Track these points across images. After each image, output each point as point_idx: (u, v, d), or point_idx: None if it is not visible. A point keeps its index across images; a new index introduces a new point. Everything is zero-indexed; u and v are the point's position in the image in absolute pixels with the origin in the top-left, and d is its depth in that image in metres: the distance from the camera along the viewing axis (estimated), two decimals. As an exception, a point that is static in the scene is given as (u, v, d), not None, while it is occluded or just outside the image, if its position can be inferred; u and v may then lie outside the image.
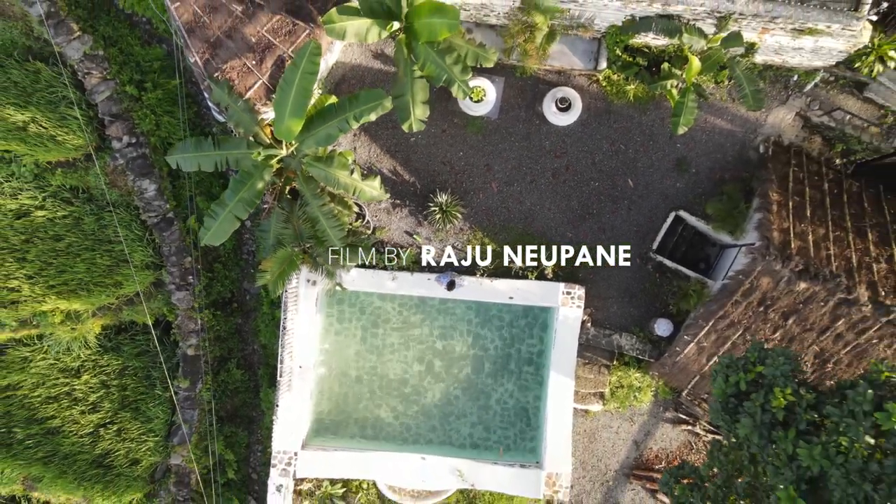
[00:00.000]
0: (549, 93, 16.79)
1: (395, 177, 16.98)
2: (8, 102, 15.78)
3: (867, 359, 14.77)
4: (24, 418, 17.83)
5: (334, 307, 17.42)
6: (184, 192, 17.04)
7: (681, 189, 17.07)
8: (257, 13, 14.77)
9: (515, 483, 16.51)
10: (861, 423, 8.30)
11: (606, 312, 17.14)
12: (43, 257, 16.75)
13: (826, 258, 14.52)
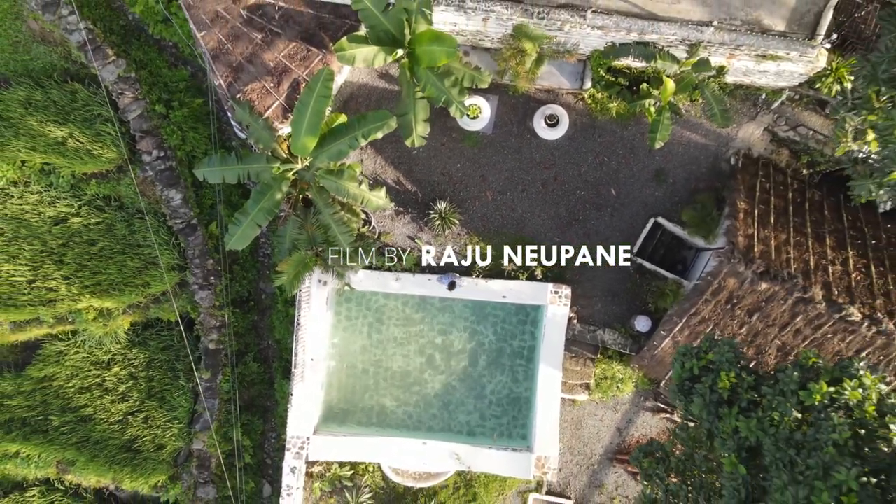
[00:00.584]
0: (539, 110, 18.42)
1: (399, 186, 18.63)
2: (48, 120, 17.48)
3: (824, 351, 16.38)
4: (59, 407, 19.52)
5: (343, 305, 19.07)
6: (206, 201, 18.72)
7: (659, 197, 18.69)
8: (275, 40, 16.44)
9: (508, 465, 18.12)
10: (789, 399, 9.92)
11: (591, 310, 18.77)
12: (78, 260, 18.45)
13: (786, 261, 16.14)
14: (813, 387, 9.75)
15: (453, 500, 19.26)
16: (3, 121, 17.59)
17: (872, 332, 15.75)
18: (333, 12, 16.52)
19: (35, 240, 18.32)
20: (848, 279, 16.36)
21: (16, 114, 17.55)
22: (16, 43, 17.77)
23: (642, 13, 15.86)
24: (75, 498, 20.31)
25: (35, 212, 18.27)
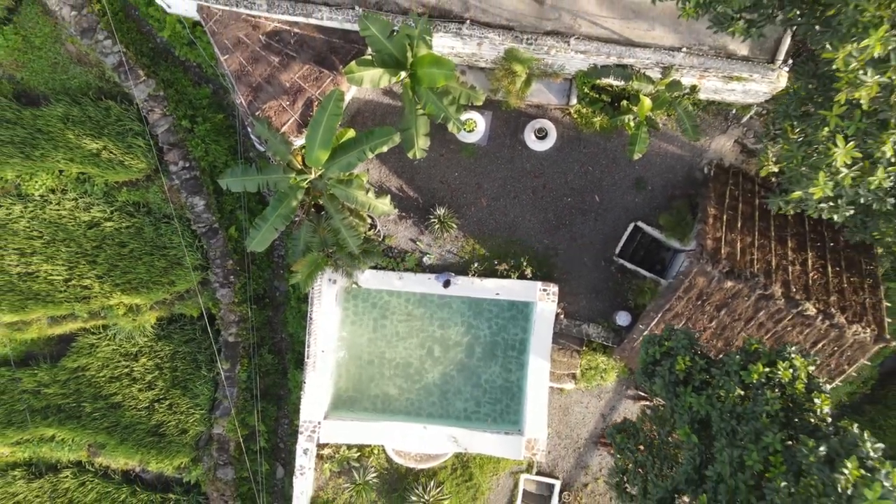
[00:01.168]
0: (529, 124, 20.24)
1: (401, 193, 20.45)
2: (84, 133, 19.33)
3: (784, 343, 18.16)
4: (91, 395, 21.37)
5: (351, 302, 20.90)
6: (226, 206, 20.56)
7: (639, 203, 20.51)
8: (291, 63, 18.27)
9: (501, 447, 19.91)
10: (732, 379, 11.71)
11: (577, 306, 20.59)
12: (110, 260, 20.30)
13: (750, 261, 17.94)
14: (752, 368, 11.55)
15: (451, 480, 21.07)
16: (44, 134, 19.44)
17: (826, 325, 17.55)
18: (343, 38, 18.34)
19: (71, 242, 20.18)
20: (806, 278, 18.17)
21: (55, 128, 19.40)
22: (55, 64, 19.62)
23: (620, 39, 17.68)
24: (104, 479, 22.12)
25: (71, 217, 20.12)
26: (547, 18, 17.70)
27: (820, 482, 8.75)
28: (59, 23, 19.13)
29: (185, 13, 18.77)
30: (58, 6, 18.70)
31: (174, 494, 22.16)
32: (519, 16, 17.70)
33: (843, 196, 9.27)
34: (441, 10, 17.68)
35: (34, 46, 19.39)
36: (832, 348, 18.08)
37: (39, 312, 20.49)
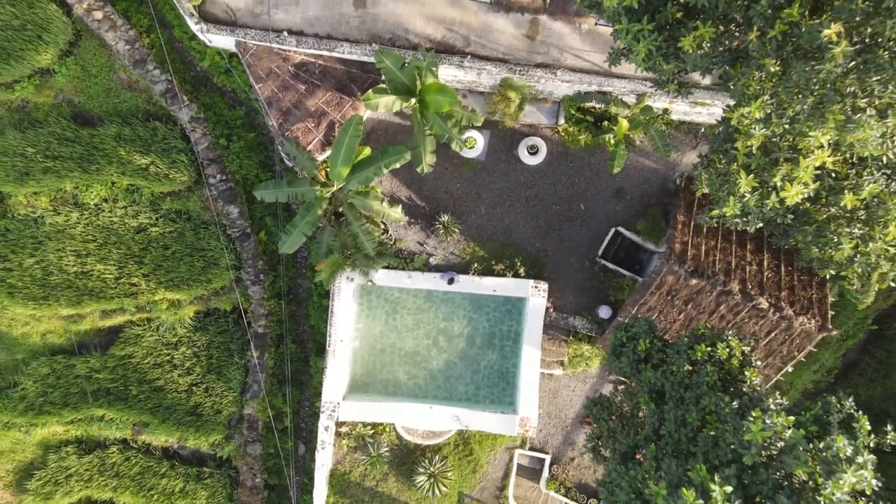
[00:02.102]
0: (523, 141, 23.07)
1: (410, 203, 23.28)
2: (134, 150, 22.19)
3: (742, 332, 20.95)
4: (136, 379, 24.21)
5: (366, 297, 23.73)
6: (256, 214, 23.41)
7: (619, 211, 23.33)
8: (315, 90, 21.12)
9: (498, 425, 22.70)
10: (682, 357, 14.52)
11: (564, 301, 23.41)
12: (155, 261, 23.15)
13: (712, 262, 20.75)
14: (697, 347, 14.36)
15: (454, 455, 23.89)
16: (99, 151, 22.30)
17: (777, 317, 20.34)
18: (361, 68, 21.20)
19: (121, 245, 23.04)
20: (761, 276, 20.97)
21: (109, 146, 22.25)
22: (109, 90, 22.48)
23: (600, 71, 20.50)
24: (147, 454, 24.97)
25: (121, 223, 22.98)
26: (537, 52, 20.55)
27: (732, 426, 11.50)
28: (113, 54, 22.00)
29: (224, 46, 21.61)
30: (114, 41, 21.58)
31: (208, 468, 25.00)
32: (513, 50, 20.55)
33: (751, 213, 12.03)
34: (446, 45, 20.53)
35: (91, 74, 22.27)
36: (783, 337, 20.88)
37: (93, 307, 23.34)
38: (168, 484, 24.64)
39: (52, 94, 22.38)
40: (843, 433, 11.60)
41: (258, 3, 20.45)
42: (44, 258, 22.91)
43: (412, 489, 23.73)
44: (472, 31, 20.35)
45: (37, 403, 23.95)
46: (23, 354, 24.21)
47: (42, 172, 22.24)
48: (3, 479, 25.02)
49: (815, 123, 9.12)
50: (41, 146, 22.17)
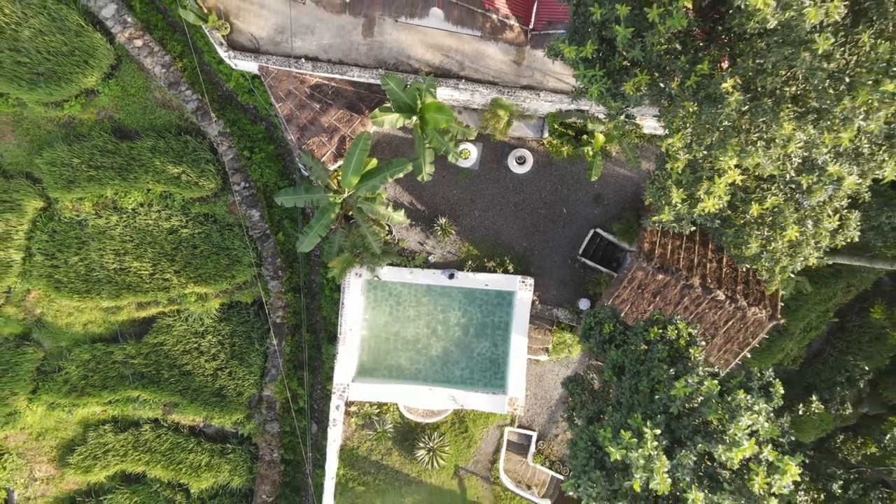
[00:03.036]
0: (512, 152, 25.96)
1: (412, 207, 26.19)
2: (168, 161, 25.10)
3: (704, 321, 23.83)
4: (167, 364, 27.11)
5: (372, 291, 26.63)
6: (275, 217, 26.32)
7: (597, 214, 26.22)
8: (329, 109, 24.02)
9: (489, 404, 25.58)
10: (639, 337, 17.40)
11: (548, 294, 26.30)
12: (185, 259, 26.05)
13: (676, 260, 23.64)
14: (651, 330, 17.27)
15: (451, 432, 26.78)
16: (136, 161, 25.21)
17: (733, 307, 23.23)
18: (368, 90, 24.11)
19: (155, 245, 25.96)
20: (720, 272, 23.85)
21: (145, 157, 25.17)
22: (145, 107, 25.41)
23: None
24: (176, 432, 27.89)
25: (156, 225, 25.90)
26: (523, 76, 23.46)
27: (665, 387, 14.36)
28: (150, 77, 24.93)
29: (248, 70, 24.52)
30: (151, 65, 24.50)
31: (231, 445, 27.93)
32: (502, 74, 23.46)
33: (683, 219, 14.86)
34: (443, 70, 23.43)
35: (130, 94, 25.19)
36: (739, 325, 23.78)
37: (130, 299, 26.26)
38: (195, 459, 27.56)
39: (95, 111, 25.30)
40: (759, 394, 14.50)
41: (279, 33, 23.38)
42: (87, 256, 25.83)
43: (413, 462, 26.63)
44: (467, 58, 23.25)
45: (79, 386, 26.87)
46: (66, 342, 27.13)
47: (86, 180, 25.15)
48: (48, 455, 27.95)
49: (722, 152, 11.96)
50: (85, 157, 25.08)
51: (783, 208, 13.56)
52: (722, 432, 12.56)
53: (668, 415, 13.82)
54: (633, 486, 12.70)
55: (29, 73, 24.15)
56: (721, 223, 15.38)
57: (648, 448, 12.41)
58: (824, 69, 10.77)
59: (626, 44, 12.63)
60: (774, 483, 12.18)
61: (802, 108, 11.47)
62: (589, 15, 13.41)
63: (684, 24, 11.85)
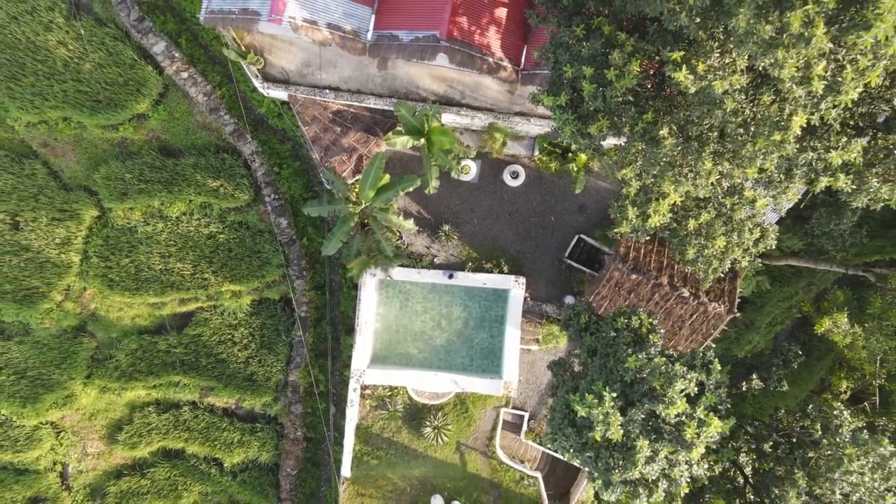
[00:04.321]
0: (507, 168, 29.76)
1: (419, 216, 30.00)
2: (208, 176, 28.92)
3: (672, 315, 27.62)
4: (205, 353, 30.92)
5: (385, 289, 30.44)
6: (300, 224, 30.14)
7: (582, 222, 30.03)
8: (348, 132, 27.82)
9: (487, 387, 29.38)
10: (609, 326, 21.18)
11: (538, 291, 30.11)
12: (221, 261, 29.87)
13: (648, 261, 27.43)
14: (618, 319, 21.09)
15: (453, 412, 30.59)
16: (180, 176, 29.03)
17: (696, 303, 27.02)
18: (383, 115, 27.92)
19: (196, 248, 29.77)
20: (686, 272, 27.64)
21: (188, 172, 28.99)
22: (188, 129, 29.24)
23: (563, 117, 27.17)
24: (211, 413, 31.71)
25: (196, 231, 29.72)
26: (516, 104, 27.27)
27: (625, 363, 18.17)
28: (193, 103, 28.76)
29: (278, 97, 28.33)
30: (195, 93, 28.33)
31: (259, 424, 31.75)
32: (497, 102, 27.26)
33: (638, 230, 18.63)
34: (446, 98, 27.24)
35: (175, 118, 29.02)
36: (702, 318, 27.58)
37: (173, 296, 30.09)
38: (228, 436, 31.40)
39: (145, 132, 29.14)
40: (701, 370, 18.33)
41: (305, 66, 27.21)
42: (136, 258, 29.67)
43: (420, 439, 30.44)
44: (467, 88, 27.07)
45: (127, 372, 30.70)
46: (117, 333, 30.97)
47: (136, 192, 28.99)
48: (99, 433, 31.79)
49: (662, 181, 15.69)
50: (136, 172, 28.92)
51: (714, 223, 17.32)
52: (663, 395, 16.35)
53: (624, 382, 17.62)
54: (594, 436, 16.50)
55: (89, 101, 27.99)
56: (669, 233, 19.15)
57: (606, 407, 16.22)
58: (733, 122, 14.58)
59: (591, 96, 16.43)
60: (703, 433, 15.99)
61: (720, 149, 15.25)
62: (563, 73, 17.22)
63: (634, 83, 15.64)
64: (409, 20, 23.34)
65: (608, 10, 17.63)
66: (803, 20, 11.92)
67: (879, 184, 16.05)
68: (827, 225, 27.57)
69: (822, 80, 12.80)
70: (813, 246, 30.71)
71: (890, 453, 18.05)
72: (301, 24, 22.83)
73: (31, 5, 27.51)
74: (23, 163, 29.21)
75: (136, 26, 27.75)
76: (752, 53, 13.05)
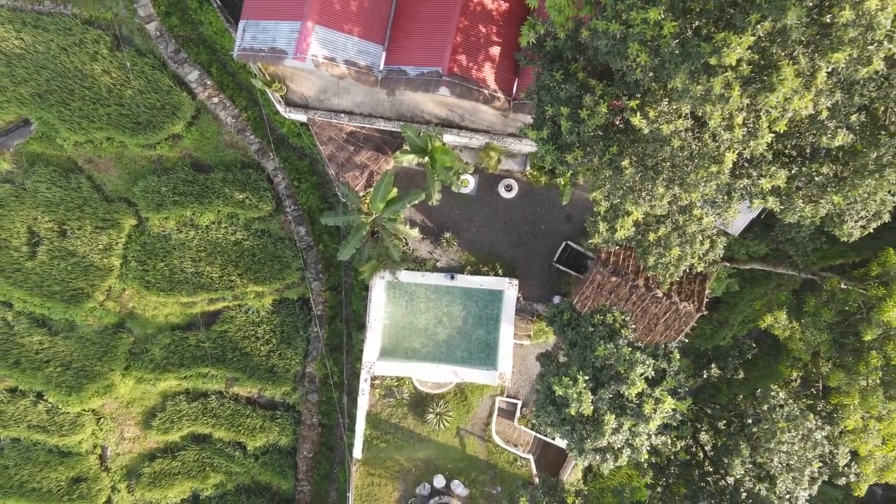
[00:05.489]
0: (501, 181, 33.28)
1: (423, 225, 33.52)
2: (234, 189, 32.46)
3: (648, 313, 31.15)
4: (231, 347, 34.47)
5: (392, 290, 33.97)
6: (316, 232, 33.68)
7: (568, 230, 33.55)
8: (360, 150, 31.35)
9: (484, 377, 32.89)
10: (588, 322, 24.65)
11: (530, 292, 33.64)
12: (246, 264, 33.42)
13: (627, 266, 30.93)
14: (595, 316, 24.60)
15: (453, 401, 34.12)
16: (210, 189, 32.56)
17: (668, 302, 30.54)
18: (391, 136, 31.45)
19: (223, 253, 33.30)
20: (660, 275, 31.10)
21: (217, 186, 32.52)
22: (217, 147, 32.78)
23: (551, 138, 30.68)
24: (235, 402, 35.24)
25: (224, 238, 33.25)
26: (509, 126, 30.80)
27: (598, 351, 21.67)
28: (222, 125, 32.31)
29: (297, 119, 31.87)
30: (224, 116, 31.87)
31: (279, 411, 35.29)
32: (493, 124, 30.79)
33: (609, 241, 22.04)
34: (447, 121, 30.77)
35: (206, 137, 32.56)
36: (674, 316, 31.09)
37: (203, 296, 33.63)
38: (250, 423, 34.94)
39: (179, 151, 32.69)
40: (664, 359, 21.85)
41: (322, 92, 30.73)
42: (170, 262, 33.21)
43: (424, 424, 33.97)
44: (466, 112, 30.60)
45: (161, 364, 34.24)
46: (152, 330, 34.51)
47: (171, 204, 32.53)
48: (135, 419, 35.34)
49: (625, 202, 19.21)
50: (171, 186, 32.47)
51: (670, 236, 20.82)
52: (626, 378, 19.88)
53: (595, 368, 21.16)
54: (570, 412, 20.00)
55: (131, 123, 31.55)
56: (635, 244, 22.67)
57: (580, 387, 19.74)
58: (680, 155, 18.10)
59: (568, 131, 19.96)
60: (659, 409, 19.51)
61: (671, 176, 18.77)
62: (545, 111, 20.77)
63: (602, 121, 19.16)
64: (415, 57, 26.87)
65: (583, 57, 21.15)
66: (724, 84, 15.44)
67: (804, 204, 19.58)
68: (789, 232, 31.08)
69: (743, 128, 16.33)
70: (778, 251, 34.25)
71: (815, 426, 21.53)
72: (322, 60, 26.35)
73: (79, 38, 31.03)
74: (69, 177, 32.77)
75: (172, 57, 31.30)
76: (690, 104, 16.58)
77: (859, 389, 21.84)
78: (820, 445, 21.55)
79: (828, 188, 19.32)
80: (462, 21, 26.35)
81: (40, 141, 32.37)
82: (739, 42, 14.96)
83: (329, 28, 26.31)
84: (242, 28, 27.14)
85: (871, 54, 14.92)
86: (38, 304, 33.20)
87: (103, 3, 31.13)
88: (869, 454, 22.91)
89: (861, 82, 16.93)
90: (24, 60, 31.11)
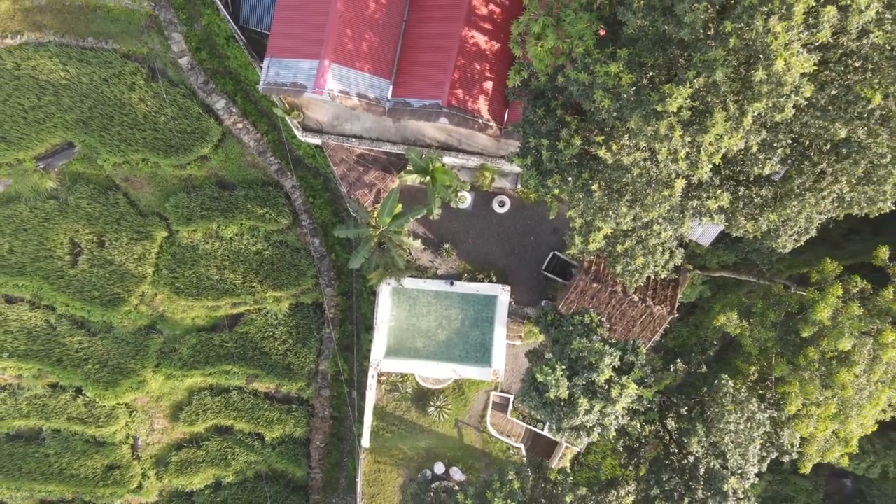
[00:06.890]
0: (495, 197, 37.04)
1: (425, 237, 37.25)
2: (256, 205, 36.22)
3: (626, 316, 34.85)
4: (251, 347, 38.16)
5: (397, 295, 37.65)
6: (329, 243, 37.44)
7: (555, 241, 37.28)
8: (369, 171, 35.13)
9: (479, 373, 36.54)
10: (570, 322, 28.31)
11: (521, 297, 37.34)
12: (266, 272, 37.16)
13: (607, 273, 34.64)
14: (574, 317, 28.27)
15: (453, 396, 37.75)
16: (234, 205, 36.33)
17: (643, 306, 34.26)
18: (397, 157, 35.25)
19: (245, 262, 37.04)
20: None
21: (240, 201, 36.30)
22: (240, 167, 36.60)
23: (538, 160, 34.49)
24: (254, 396, 38.89)
25: (246, 248, 36.99)
26: (501, 149, 34.61)
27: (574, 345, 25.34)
28: (245, 147, 36.13)
29: (312, 142, 35.68)
30: (247, 140, 35.69)
31: (294, 405, 38.92)
32: (487, 148, 34.59)
33: (583, 252, 25.74)
34: (446, 145, 34.58)
35: (230, 158, 36.37)
36: (649, 319, 34.80)
37: (227, 301, 37.34)
38: (268, 415, 38.57)
39: (206, 170, 36.51)
40: (632, 353, 25.54)
41: (335, 119, 34.57)
42: (197, 270, 36.95)
43: (426, 416, 37.59)
44: (463, 137, 34.43)
45: (188, 362, 37.90)
46: (180, 331, 38.21)
47: (199, 218, 36.30)
48: (163, 412, 38.98)
49: (595, 220, 22.94)
50: (198, 202, 36.23)
51: (635, 248, 24.59)
52: (596, 367, 23.57)
53: (571, 359, 24.86)
54: (549, 396, 23.67)
55: (164, 146, 35.39)
56: (606, 254, 26.43)
57: (557, 375, 23.42)
58: (640, 181, 21.88)
59: (548, 159, 23.76)
60: (624, 393, 23.17)
61: (633, 198, 22.53)
62: (529, 142, 24.57)
63: (576, 151, 22.95)
64: (418, 91, 30.72)
65: (561, 96, 24.99)
66: (668, 126, 19.24)
67: (746, 221, 23.36)
68: (755, 243, 34.80)
69: (686, 160, 20.13)
70: (747, 260, 37.97)
71: (757, 409, 25.19)
72: (337, 94, 30.19)
73: (118, 70, 34.91)
74: (108, 194, 36.56)
75: (202, 87, 35.17)
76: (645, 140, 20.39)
77: (799, 379, 25.49)
78: (763, 425, 25.17)
79: (765, 208, 23.07)
80: (459, 60, 30.19)
81: (82, 161, 36.18)
82: (680, 93, 18.75)
83: (343, 66, 30.14)
84: (267, 65, 30.99)
85: (784, 104, 18.71)
86: (79, 308, 36.91)
87: (140, 39, 35.03)
88: (811, 436, 26.54)
89: (785, 123, 20.75)
90: (69, 90, 34.96)
